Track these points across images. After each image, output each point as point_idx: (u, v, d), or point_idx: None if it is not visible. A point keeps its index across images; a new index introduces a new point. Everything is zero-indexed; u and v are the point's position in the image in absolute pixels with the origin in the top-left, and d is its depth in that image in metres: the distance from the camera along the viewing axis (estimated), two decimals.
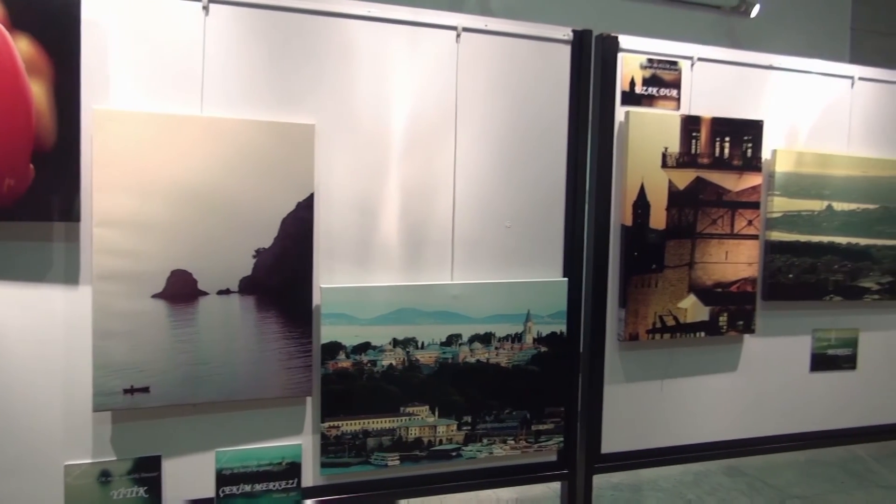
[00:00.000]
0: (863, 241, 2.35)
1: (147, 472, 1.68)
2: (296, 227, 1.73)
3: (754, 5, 5.70)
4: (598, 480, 3.73)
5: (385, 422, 1.83)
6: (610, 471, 2.16)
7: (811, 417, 2.40)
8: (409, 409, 1.85)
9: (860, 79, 2.38)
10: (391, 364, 1.82)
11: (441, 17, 1.88)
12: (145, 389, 1.61)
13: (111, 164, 1.55)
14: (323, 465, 1.80)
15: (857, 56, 6.56)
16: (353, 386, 1.79)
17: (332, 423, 1.78)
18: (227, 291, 1.68)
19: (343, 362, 1.78)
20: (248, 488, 1.75)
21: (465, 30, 1.90)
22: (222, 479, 1.74)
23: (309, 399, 1.80)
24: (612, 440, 2.13)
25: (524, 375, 1.95)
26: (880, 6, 6.89)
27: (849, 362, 2.42)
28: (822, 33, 6.33)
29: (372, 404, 1.81)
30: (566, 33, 2.01)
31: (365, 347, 1.79)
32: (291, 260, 1.73)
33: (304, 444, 1.81)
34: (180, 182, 1.62)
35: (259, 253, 1.71)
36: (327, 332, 1.76)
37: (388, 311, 1.81)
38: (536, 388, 1.96)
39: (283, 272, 1.73)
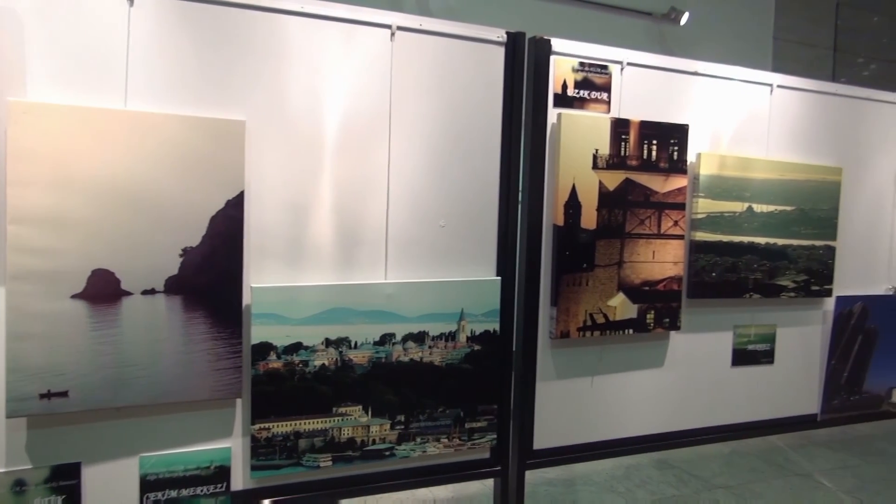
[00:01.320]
0: (780, 242, 2.47)
1: (65, 479, 1.62)
2: (225, 225, 1.69)
3: (683, 13, 5.91)
4: (533, 476, 3.79)
5: (317, 422, 1.81)
6: (542, 466, 2.19)
7: (733, 410, 2.50)
8: (342, 410, 1.83)
9: (779, 86, 2.50)
10: (323, 364, 1.80)
11: (375, 15, 1.87)
12: (63, 394, 1.55)
13: (26, 158, 1.48)
14: (253, 468, 1.76)
15: (780, 64, 6.88)
16: (285, 387, 1.76)
17: (262, 425, 1.75)
18: (152, 291, 1.63)
19: (274, 363, 1.75)
20: (174, 494, 1.70)
21: (400, 29, 1.90)
22: (147, 484, 1.68)
23: (238, 401, 1.77)
24: (544, 436, 2.17)
25: (457, 374, 1.96)
26: (801, 18, 7.24)
27: (767, 357, 2.54)
28: (747, 42, 6.61)
29: (303, 405, 1.79)
30: (500, 35, 2.04)
31: (296, 348, 1.77)
32: (220, 259, 1.69)
33: (233, 446, 1.77)
34: (102, 178, 1.56)
35: (186, 252, 1.66)
36: (258, 333, 1.73)
37: (320, 311, 1.79)
38: (470, 386, 1.98)
39: (211, 271, 1.69)
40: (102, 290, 1.57)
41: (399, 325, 1.88)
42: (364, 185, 1.88)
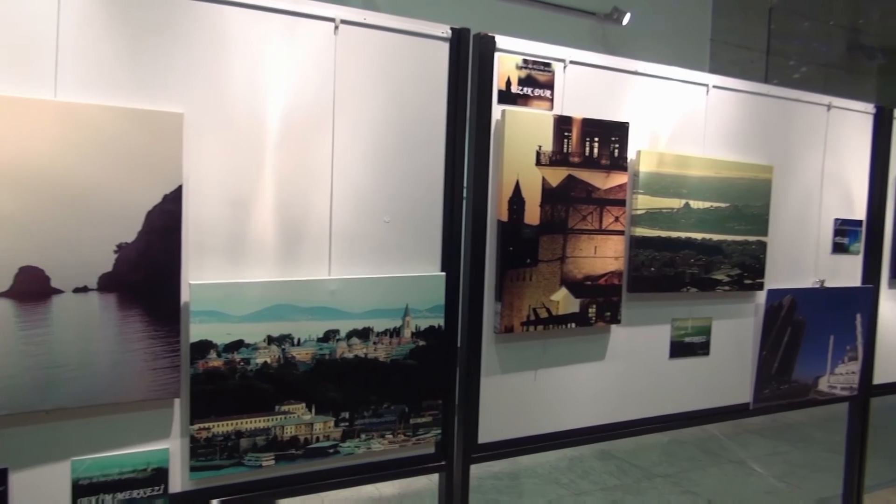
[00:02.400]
0: (715, 237, 2.55)
1: None
2: (162, 220, 1.65)
3: (626, 14, 6.03)
4: (479, 470, 3.83)
5: (259, 421, 1.78)
6: (486, 460, 2.21)
7: (671, 400, 2.58)
8: (285, 408, 1.81)
9: (714, 87, 2.58)
10: (265, 362, 1.77)
11: (318, 7, 1.84)
12: None
13: None
14: (192, 469, 1.72)
15: (716, 65, 7.10)
16: (225, 385, 1.73)
17: (201, 425, 1.71)
18: (84, 289, 1.57)
19: (214, 361, 1.71)
20: (108, 498, 1.65)
21: (344, 22, 1.88)
22: (79, 489, 1.62)
23: (177, 401, 1.72)
24: (489, 430, 2.18)
25: (402, 369, 1.96)
26: (736, 21, 7.49)
27: (703, 349, 2.62)
28: (685, 43, 6.80)
29: (245, 404, 1.76)
30: (444, 31, 2.04)
31: (238, 345, 1.74)
32: (157, 255, 1.64)
33: (171, 448, 1.72)
34: (29, 171, 1.49)
35: (121, 248, 1.61)
36: (197, 331, 1.69)
37: (262, 308, 1.76)
38: (415, 381, 1.98)
39: (148, 268, 1.64)
40: (30, 287, 1.51)
41: (343, 321, 1.86)
42: (307, 180, 1.86)
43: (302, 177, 1.85)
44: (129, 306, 1.62)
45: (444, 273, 2.04)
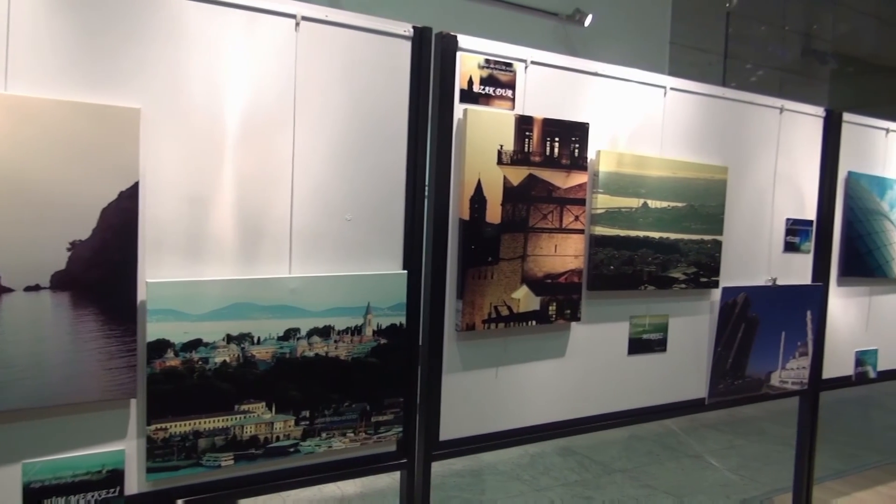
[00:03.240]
0: (672, 236, 2.60)
1: None
2: (118, 217, 1.62)
3: (587, 16, 6.11)
4: (441, 469, 3.85)
5: (218, 421, 1.76)
6: (448, 457, 2.23)
7: (630, 396, 2.63)
8: (244, 407, 1.79)
9: (671, 89, 2.63)
10: (224, 361, 1.75)
11: (279, 3, 1.83)
12: None
13: None
14: (149, 471, 1.69)
15: (676, 67, 7.24)
16: (183, 385, 1.70)
17: (158, 426, 1.69)
18: (36, 287, 1.54)
19: (171, 360, 1.69)
20: (61, 501, 1.61)
21: (305, 19, 1.87)
22: (31, 493, 1.59)
23: (133, 401, 1.69)
24: (451, 427, 2.20)
25: (364, 368, 1.96)
26: (695, 25, 7.64)
27: (660, 345, 2.67)
28: (646, 45, 6.92)
29: (203, 403, 1.74)
30: (406, 29, 2.04)
31: (196, 344, 1.71)
32: (113, 253, 1.61)
33: (127, 449, 1.69)
34: None
35: (75, 245, 1.57)
36: (154, 330, 1.66)
37: (221, 306, 1.74)
38: (376, 379, 1.98)
39: (103, 266, 1.60)
40: None
41: (304, 319, 1.86)
42: (268, 177, 1.84)
43: (262, 174, 1.83)
44: (84, 305, 1.59)
45: (405, 271, 2.04)
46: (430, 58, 2.08)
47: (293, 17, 1.85)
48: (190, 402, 1.72)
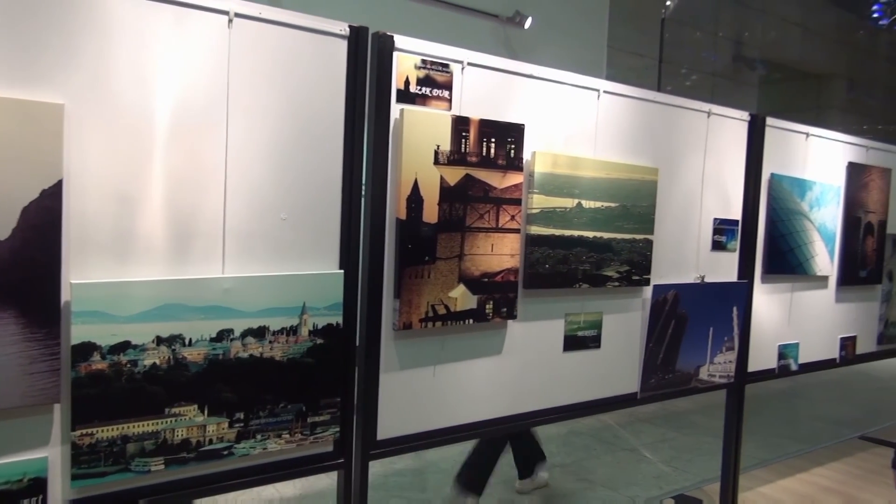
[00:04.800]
0: (606, 235, 2.68)
1: None
2: (40, 217, 1.56)
3: (527, 18, 6.20)
4: (383, 468, 3.85)
5: (147, 425, 1.72)
6: (386, 456, 2.23)
7: (565, 392, 2.68)
8: (175, 410, 1.75)
9: (605, 92, 2.70)
10: (154, 363, 1.71)
11: (212, 0, 1.80)
12: None
13: None
14: (74, 478, 1.64)
15: (613, 71, 7.41)
16: (110, 389, 1.66)
17: (84, 431, 1.64)
18: None
19: (98, 364, 1.64)
20: None
21: (238, 16, 1.84)
22: None
23: (57, 406, 1.63)
24: (389, 426, 2.20)
25: (300, 368, 1.94)
26: (631, 30, 7.84)
27: (595, 342, 2.74)
28: (584, 49, 7.06)
29: (132, 407, 1.69)
30: (342, 28, 2.04)
31: (124, 347, 1.67)
32: (34, 254, 1.56)
33: (50, 456, 1.64)
34: None
35: None
36: (79, 332, 1.61)
37: (150, 308, 1.70)
38: (312, 380, 1.97)
39: (23, 267, 1.55)
40: None
41: (238, 320, 1.83)
42: (199, 176, 1.81)
43: (194, 172, 1.80)
44: (3, 308, 1.53)
45: (342, 271, 2.04)
46: (367, 57, 2.08)
47: (226, 13, 1.82)
48: (117, 406, 1.68)
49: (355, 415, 2.13)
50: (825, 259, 3.68)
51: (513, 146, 2.37)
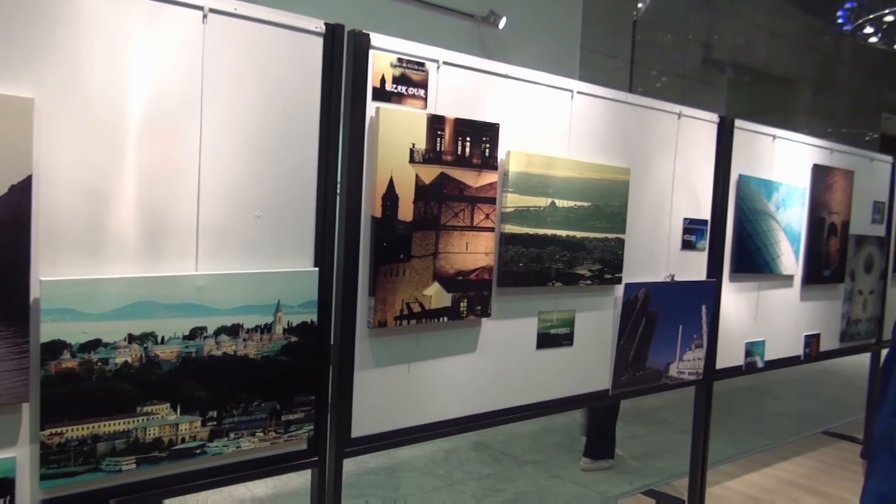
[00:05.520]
0: (579, 234, 2.71)
1: None
2: (8, 213, 1.54)
3: (501, 18, 6.23)
4: (356, 466, 3.85)
5: (118, 424, 1.70)
6: (360, 454, 2.23)
7: (538, 389, 2.71)
8: (147, 409, 1.74)
9: (578, 92, 2.73)
10: (126, 361, 1.69)
11: None
12: None
13: None
14: (43, 478, 1.62)
15: (586, 72, 7.48)
16: (80, 387, 1.64)
17: (53, 430, 1.61)
18: None
19: (68, 362, 1.62)
20: None
21: (213, 11, 1.83)
22: None
23: (25, 405, 1.61)
24: (363, 424, 2.21)
25: (274, 366, 1.94)
26: (604, 31, 7.92)
27: (567, 339, 2.78)
28: (558, 49, 7.11)
29: (103, 406, 1.67)
30: (318, 25, 2.03)
31: (95, 345, 1.65)
32: (2, 251, 1.53)
33: (18, 456, 1.61)
34: None
35: None
36: (48, 330, 1.59)
37: (122, 305, 1.68)
38: (286, 378, 1.96)
39: None
40: None
41: (211, 318, 1.82)
42: (173, 172, 1.79)
43: (167, 169, 1.78)
44: None
45: (317, 268, 2.04)
46: (343, 55, 2.08)
47: (200, 8, 1.81)
48: (88, 404, 1.66)
49: (329, 413, 2.13)
50: (791, 258, 3.77)
51: (488, 145, 2.39)
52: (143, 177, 1.74)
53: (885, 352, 1.62)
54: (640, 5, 8.52)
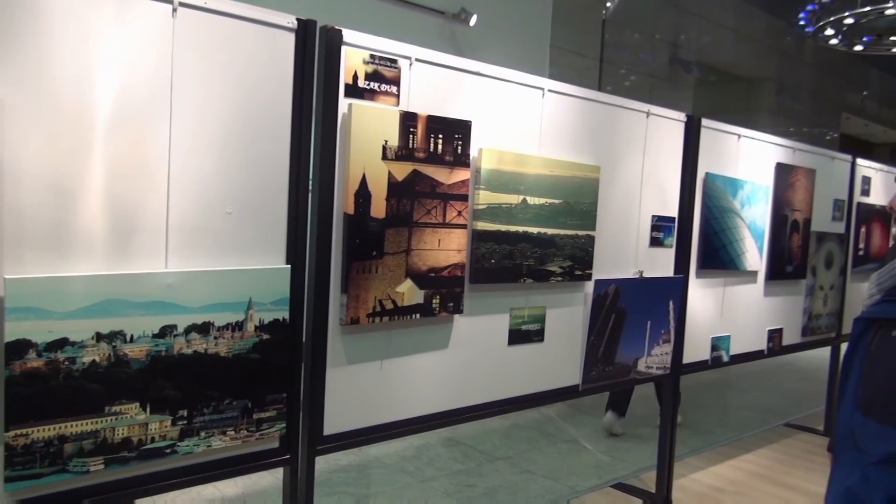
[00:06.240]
0: (550, 231, 2.73)
1: None
2: None
3: (472, 15, 6.24)
4: (327, 464, 3.83)
5: (86, 424, 1.67)
6: (332, 451, 2.23)
7: (510, 385, 2.73)
8: (116, 408, 1.71)
9: (549, 91, 2.75)
10: (94, 360, 1.66)
11: None
12: None
13: None
14: (7, 480, 1.58)
15: (556, 70, 7.53)
16: (47, 387, 1.60)
17: (18, 432, 1.58)
18: None
19: (33, 362, 1.58)
20: None
21: (182, 5, 1.80)
22: None
23: None
24: (335, 421, 2.20)
25: (245, 364, 1.92)
26: (573, 30, 7.98)
27: (538, 335, 2.80)
28: (528, 47, 7.16)
29: (70, 406, 1.64)
30: (290, 21, 2.02)
31: (61, 344, 1.62)
32: None
33: None
34: None
35: None
36: (13, 329, 1.55)
37: (90, 303, 1.65)
38: (258, 375, 1.95)
39: None
40: None
41: (181, 315, 1.80)
42: (142, 169, 1.76)
43: (136, 165, 1.75)
44: None
45: (289, 266, 2.02)
46: (315, 51, 2.07)
47: (170, 2, 1.78)
48: (55, 405, 1.62)
49: (302, 410, 2.12)
50: (755, 255, 3.85)
51: (460, 142, 2.40)
52: (111, 173, 1.71)
53: (844, 346, 1.67)
54: (608, 4, 8.60)
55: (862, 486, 1.35)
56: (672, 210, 3.39)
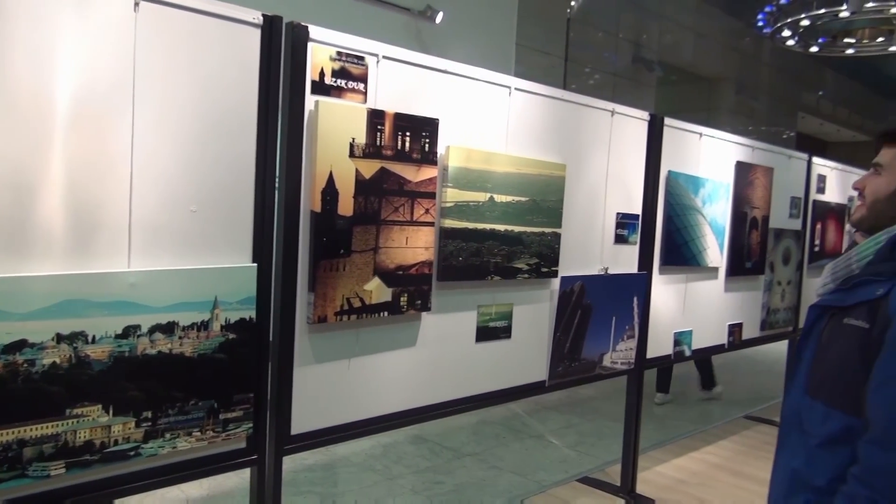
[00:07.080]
0: (517, 229, 2.75)
1: None
2: None
3: (438, 13, 6.24)
4: (293, 464, 3.80)
5: (46, 427, 1.63)
6: (300, 450, 2.22)
7: (477, 382, 2.75)
8: (77, 411, 1.67)
9: (516, 89, 2.77)
10: (54, 362, 1.62)
11: None
12: None
13: None
14: None
15: (521, 68, 7.58)
16: (5, 390, 1.56)
17: None
18: None
19: None
20: None
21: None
22: None
23: None
24: (303, 420, 2.19)
25: (211, 364, 1.89)
26: (538, 29, 8.04)
27: (506, 332, 2.82)
28: (494, 45, 7.18)
29: (29, 409, 1.60)
30: (256, 17, 1.99)
31: (20, 346, 1.58)
32: None
33: None
34: None
35: None
36: None
37: (49, 304, 1.61)
38: (224, 375, 1.93)
39: None
40: None
41: (145, 315, 1.76)
42: (103, 166, 1.73)
43: (98, 162, 1.71)
44: None
45: (255, 264, 2.00)
46: (281, 47, 2.05)
47: None
48: (13, 408, 1.58)
49: (269, 410, 2.10)
50: (716, 251, 3.94)
51: (427, 140, 2.40)
52: (71, 170, 1.67)
53: None
54: (573, 3, 8.68)
55: (806, 467, 1.40)
56: (636, 207, 3.44)
